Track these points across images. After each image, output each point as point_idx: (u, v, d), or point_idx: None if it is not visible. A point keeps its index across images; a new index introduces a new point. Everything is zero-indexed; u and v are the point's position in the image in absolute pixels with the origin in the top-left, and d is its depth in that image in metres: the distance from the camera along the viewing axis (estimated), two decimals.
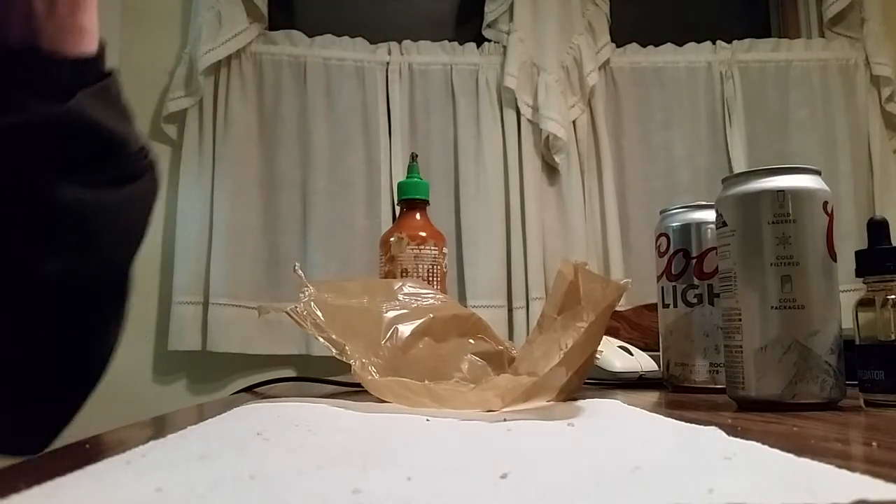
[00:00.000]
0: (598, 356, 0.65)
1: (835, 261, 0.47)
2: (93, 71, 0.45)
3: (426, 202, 0.88)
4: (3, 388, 0.42)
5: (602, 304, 0.51)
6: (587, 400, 0.51)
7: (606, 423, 0.40)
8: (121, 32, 1.61)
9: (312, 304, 0.58)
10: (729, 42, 1.75)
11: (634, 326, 0.92)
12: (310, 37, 1.62)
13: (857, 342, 0.47)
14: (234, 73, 1.57)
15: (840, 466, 0.24)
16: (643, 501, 0.20)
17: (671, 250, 0.65)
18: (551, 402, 0.49)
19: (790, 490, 0.21)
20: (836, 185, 1.64)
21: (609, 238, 1.63)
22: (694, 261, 0.63)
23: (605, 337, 0.64)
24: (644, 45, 1.75)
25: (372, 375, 0.53)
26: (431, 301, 0.67)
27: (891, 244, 0.47)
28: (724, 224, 0.50)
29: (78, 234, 0.42)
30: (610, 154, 1.67)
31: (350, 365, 0.54)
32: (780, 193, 0.47)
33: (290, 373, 1.51)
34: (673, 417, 0.40)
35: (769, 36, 1.86)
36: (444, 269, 0.85)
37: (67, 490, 0.22)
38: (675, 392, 0.63)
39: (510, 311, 1.58)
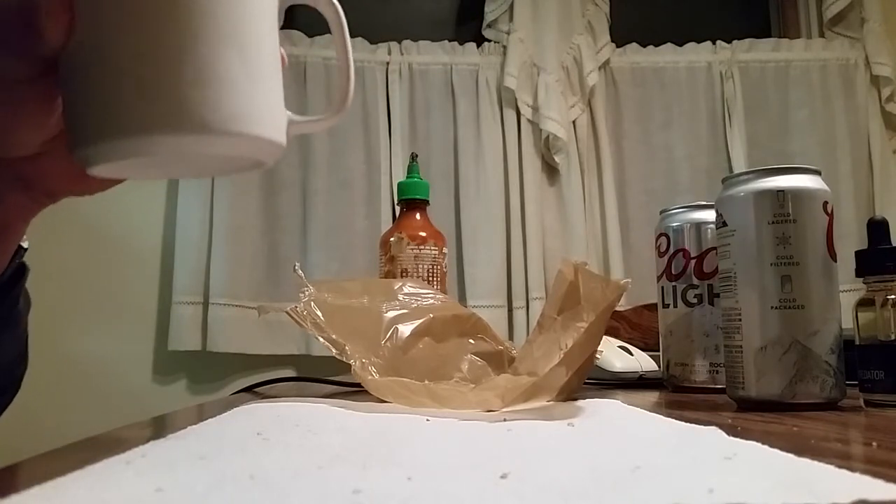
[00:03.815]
0: (598, 356, 0.65)
1: (835, 261, 0.47)
2: None
3: (426, 202, 0.88)
4: None
5: (602, 304, 0.51)
6: (587, 400, 0.51)
7: (606, 423, 0.40)
8: None
9: (312, 304, 0.58)
10: (729, 42, 1.75)
11: (634, 326, 0.92)
12: (309, 37, 1.62)
13: (857, 342, 0.47)
14: None
15: (840, 466, 0.24)
16: (643, 501, 0.20)
17: (671, 250, 0.65)
18: (551, 402, 0.49)
19: (790, 490, 0.21)
20: (836, 185, 1.64)
21: (609, 238, 1.63)
22: (694, 261, 0.63)
23: (605, 337, 0.64)
24: (644, 45, 1.75)
25: (372, 375, 0.53)
26: (431, 301, 0.67)
27: (891, 244, 0.47)
28: (724, 224, 0.50)
29: None
30: (610, 154, 1.66)
31: (350, 365, 0.54)
32: (780, 193, 0.47)
33: (290, 373, 1.51)
34: (673, 417, 0.40)
35: (769, 36, 1.86)
36: (444, 269, 0.85)
37: (67, 490, 0.22)
38: (675, 392, 0.63)
39: (510, 311, 1.58)
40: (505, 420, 0.40)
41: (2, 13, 0.32)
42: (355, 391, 0.61)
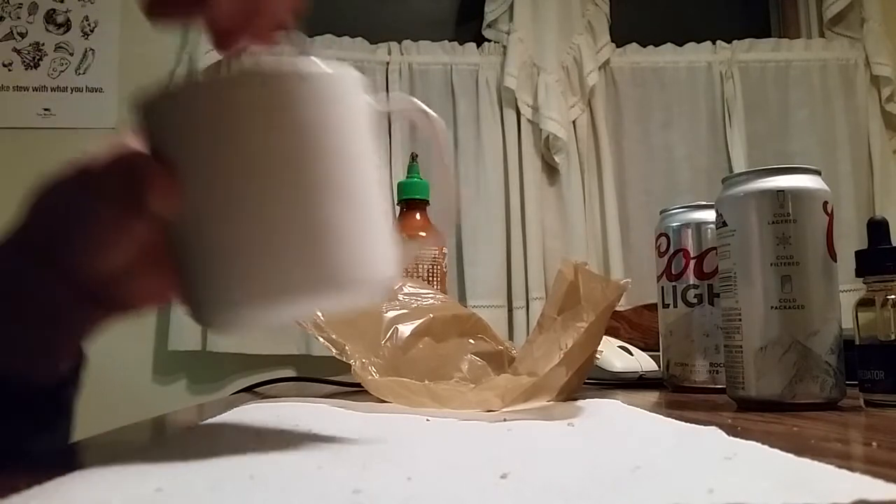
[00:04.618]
0: (598, 356, 0.65)
1: (835, 261, 0.47)
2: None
3: (426, 202, 0.88)
4: None
5: (602, 304, 0.51)
6: (587, 400, 0.50)
7: (606, 423, 0.40)
8: (121, 32, 1.61)
9: None
10: (729, 42, 1.75)
11: (634, 326, 0.92)
12: (310, 36, 1.62)
13: (857, 342, 0.47)
14: None
15: (840, 466, 0.24)
16: (643, 501, 0.20)
17: (671, 250, 0.65)
18: (551, 402, 0.49)
19: (791, 490, 0.21)
20: (836, 185, 1.64)
21: (609, 238, 1.63)
22: (694, 261, 0.63)
23: (605, 337, 0.63)
24: (644, 45, 1.75)
25: (372, 375, 0.53)
26: (431, 301, 0.67)
27: (891, 244, 0.47)
28: (724, 224, 0.50)
29: None
30: (610, 154, 1.67)
31: (350, 365, 0.54)
32: (780, 193, 0.47)
33: (290, 373, 1.51)
34: (673, 417, 0.40)
35: (769, 36, 1.86)
36: (444, 269, 0.84)
37: (67, 490, 0.22)
38: (675, 392, 0.63)
39: (510, 311, 1.57)
40: (505, 420, 0.40)
41: (106, 171, 0.31)
42: (355, 391, 0.61)
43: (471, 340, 0.66)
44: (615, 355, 0.72)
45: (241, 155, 0.29)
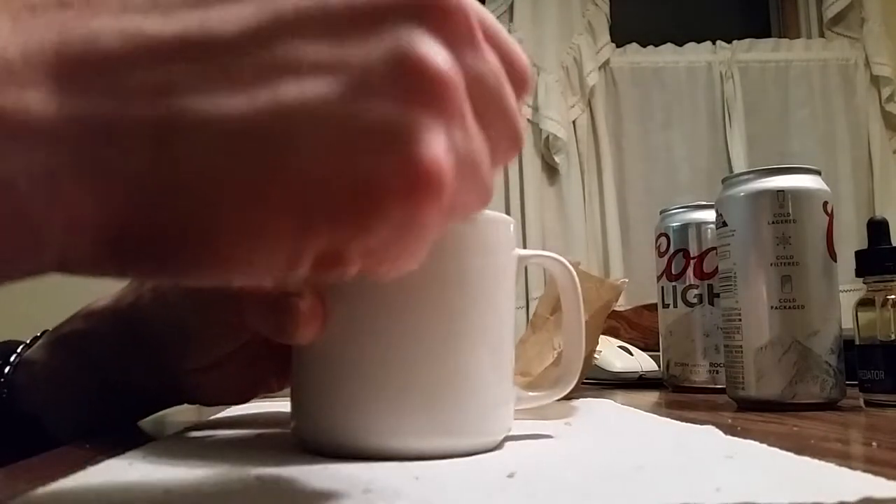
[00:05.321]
0: (597, 356, 0.65)
1: (835, 261, 0.47)
2: None
3: None
4: None
5: (596, 303, 0.51)
6: (582, 400, 0.51)
7: (603, 423, 0.40)
8: None
9: None
10: (729, 42, 1.75)
11: (634, 326, 0.92)
12: None
13: (857, 342, 0.47)
14: None
15: (840, 466, 0.24)
16: (653, 500, 0.20)
17: (671, 250, 0.65)
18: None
19: (797, 488, 0.21)
20: (836, 185, 1.64)
21: (609, 238, 1.63)
22: (694, 261, 0.63)
23: (605, 337, 0.64)
24: (644, 45, 1.75)
25: None
26: None
27: (891, 244, 0.47)
28: (724, 224, 0.50)
29: None
30: (610, 154, 1.67)
31: None
32: (780, 193, 0.47)
33: None
34: (673, 417, 0.40)
35: (769, 36, 1.86)
36: None
37: (69, 491, 0.22)
38: (675, 392, 0.63)
39: None
40: None
41: (257, 291, 0.29)
42: None
43: None
44: (615, 355, 0.72)
45: (398, 292, 0.28)
